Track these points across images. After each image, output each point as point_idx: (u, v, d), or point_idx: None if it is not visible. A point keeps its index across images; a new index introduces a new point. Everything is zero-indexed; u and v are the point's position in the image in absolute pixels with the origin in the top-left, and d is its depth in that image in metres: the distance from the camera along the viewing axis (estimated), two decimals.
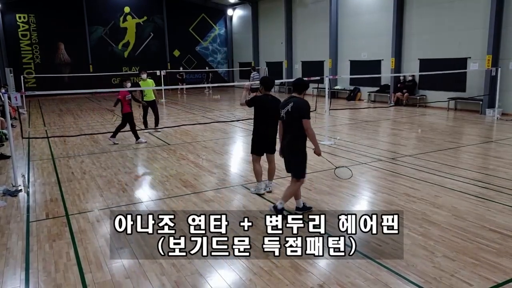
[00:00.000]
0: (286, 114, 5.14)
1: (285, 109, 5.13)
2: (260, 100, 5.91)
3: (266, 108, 5.87)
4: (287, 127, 5.18)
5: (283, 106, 5.20)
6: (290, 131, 5.16)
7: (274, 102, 5.84)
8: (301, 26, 23.76)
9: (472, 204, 5.69)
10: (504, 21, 13.83)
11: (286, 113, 5.14)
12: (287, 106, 5.11)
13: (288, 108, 5.08)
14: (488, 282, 3.71)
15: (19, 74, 21.97)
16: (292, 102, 5.08)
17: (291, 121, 5.10)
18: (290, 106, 5.06)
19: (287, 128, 5.20)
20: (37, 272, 4.08)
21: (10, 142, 7.06)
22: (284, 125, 5.23)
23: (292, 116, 5.06)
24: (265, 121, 5.92)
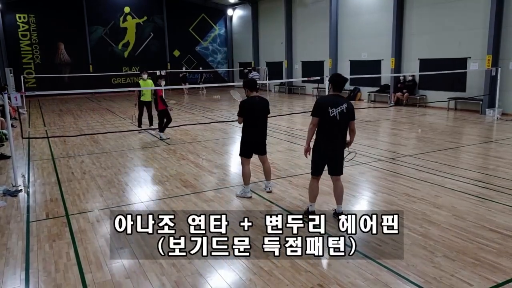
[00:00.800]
0: (340, 115, 4.89)
1: (339, 110, 4.88)
2: (249, 103, 5.92)
3: (255, 110, 5.93)
4: (339, 128, 4.96)
5: (333, 106, 4.88)
6: (340, 132, 4.99)
7: (262, 103, 5.99)
8: (301, 26, 23.76)
9: (472, 204, 5.68)
10: (504, 21, 13.84)
11: (340, 114, 4.89)
12: (340, 107, 4.89)
13: (343, 109, 4.88)
14: (488, 282, 3.71)
15: (19, 74, 21.97)
16: (345, 103, 4.93)
17: (345, 122, 4.96)
18: (344, 108, 4.89)
19: (337, 129, 4.96)
20: (37, 272, 4.08)
21: (10, 142, 7.05)
22: (333, 126, 4.93)
23: (346, 118, 4.94)
24: (255, 123, 5.98)
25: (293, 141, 10.36)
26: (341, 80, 5.02)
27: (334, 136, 4.98)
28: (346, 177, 7.03)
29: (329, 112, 4.86)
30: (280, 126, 12.59)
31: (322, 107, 4.93)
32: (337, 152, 5.08)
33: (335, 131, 4.95)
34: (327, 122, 4.92)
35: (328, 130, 4.96)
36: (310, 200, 5.28)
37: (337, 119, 4.87)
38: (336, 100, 4.93)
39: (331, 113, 4.86)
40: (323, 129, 4.99)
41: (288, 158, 8.67)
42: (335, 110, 4.86)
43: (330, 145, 5.01)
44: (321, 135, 5.03)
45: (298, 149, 9.49)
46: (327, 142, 5.01)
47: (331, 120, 4.88)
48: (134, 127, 12.19)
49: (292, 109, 17.45)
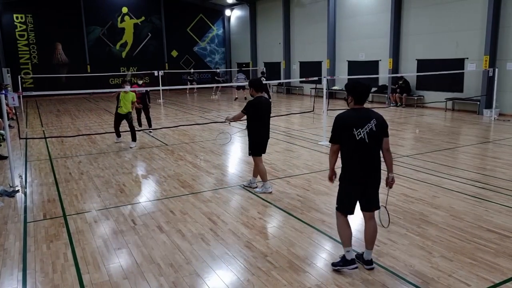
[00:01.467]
0: (369, 135, 3.70)
1: (367, 129, 3.70)
2: (258, 103, 5.98)
3: (263, 109, 6.05)
4: (370, 151, 3.76)
5: (358, 125, 3.71)
6: (374, 155, 3.80)
7: (267, 103, 6.19)
8: (299, 26, 23.78)
9: (470, 204, 5.70)
10: (501, 22, 13.89)
11: (369, 134, 3.70)
12: (367, 124, 3.72)
13: (372, 127, 3.71)
14: (485, 282, 3.72)
15: (17, 74, 21.92)
16: (374, 118, 3.77)
17: (377, 143, 3.79)
18: (373, 124, 3.73)
19: (369, 153, 3.75)
20: (35, 273, 4.07)
21: (8, 142, 7.03)
22: (365, 149, 3.73)
23: (378, 137, 3.77)
24: (264, 122, 6.11)
25: (291, 142, 10.36)
26: (364, 89, 3.82)
27: (367, 163, 3.78)
28: None
29: (355, 134, 3.70)
30: (278, 126, 12.59)
31: (345, 128, 3.73)
32: (372, 183, 3.86)
33: (367, 157, 3.77)
34: (354, 147, 3.74)
35: (358, 158, 3.77)
36: (346, 245, 3.93)
37: (367, 141, 3.71)
38: (361, 115, 3.78)
39: (357, 136, 3.70)
40: (350, 156, 3.81)
41: (286, 158, 8.67)
42: (361, 131, 3.70)
43: (362, 175, 3.81)
44: (349, 163, 3.83)
45: (296, 149, 9.50)
46: (359, 172, 3.81)
47: (360, 144, 3.71)
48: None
49: (290, 110, 17.46)
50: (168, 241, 4.68)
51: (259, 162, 6.22)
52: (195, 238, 4.77)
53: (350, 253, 3.89)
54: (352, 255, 3.89)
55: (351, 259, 3.87)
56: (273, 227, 5.08)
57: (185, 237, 4.80)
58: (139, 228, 5.10)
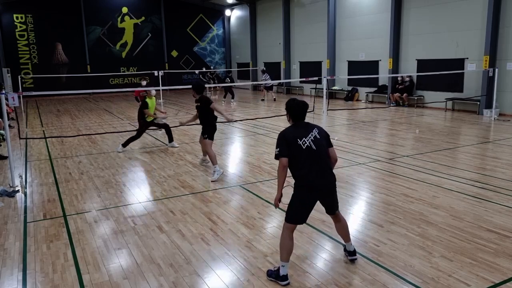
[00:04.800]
0: (314, 142, 3.79)
1: (311, 136, 3.80)
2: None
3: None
4: (319, 156, 3.80)
5: (302, 135, 3.79)
6: (324, 161, 3.85)
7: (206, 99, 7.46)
8: (299, 26, 23.78)
9: (470, 204, 5.70)
10: (501, 22, 13.88)
11: (314, 140, 3.79)
12: (311, 133, 3.82)
13: (315, 135, 3.82)
14: (485, 282, 3.72)
15: (17, 74, 21.92)
16: (315, 127, 3.90)
17: (323, 148, 3.85)
18: (316, 133, 3.84)
19: (318, 158, 3.79)
20: (35, 273, 4.07)
21: (8, 142, 7.03)
22: (314, 156, 3.77)
23: (324, 144, 3.89)
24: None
25: None
26: (298, 108, 3.87)
27: (318, 168, 3.79)
28: (344, 178, 7.05)
29: (301, 144, 3.74)
30: (278, 126, 12.58)
31: (289, 141, 3.76)
32: (328, 187, 3.90)
33: (318, 162, 3.78)
34: (303, 156, 3.74)
35: (309, 165, 3.76)
36: (284, 259, 3.78)
37: (314, 148, 3.77)
38: (302, 127, 3.87)
39: (303, 145, 3.74)
40: (302, 165, 3.77)
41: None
42: (306, 140, 3.77)
43: (317, 180, 3.79)
44: (302, 173, 3.78)
45: None
46: (314, 178, 3.78)
47: (308, 152, 3.75)
48: (132, 128, 12.14)
49: None
50: (168, 241, 4.68)
51: (211, 146, 7.46)
52: (195, 238, 4.77)
53: (284, 268, 3.75)
54: (285, 271, 3.75)
55: (283, 275, 3.73)
56: (273, 227, 5.08)
57: (185, 237, 4.80)
58: (139, 228, 5.10)
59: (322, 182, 3.81)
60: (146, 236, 4.86)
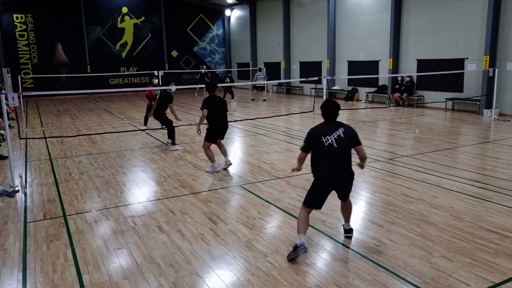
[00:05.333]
0: (337, 140, 4.19)
1: (334, 135, 4.20)
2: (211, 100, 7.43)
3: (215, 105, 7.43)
4: (339, 154, 4.21)
5: (327, 133, 4.21)
6: (343, 159, 4.27)
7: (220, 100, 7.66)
8: (299, 26, 23.78)
9: (470, 204, 5.70)
10: (501, 22, 13.88)
11: (337, 139, 4.19)
12: (336, 132, 4.21)
13: (340, 134, 4.21)
14: (485, 282, 3.72)
15: (17, 74, 21.91)
16: (342, 127, 4.26)
17: (345, 147, 4.23)
18: (341, 132, 4.21)
19: (338, 156, 4.22)
20: (35, 273, 4.07)
21: (8, 142, 7.03)
22: (334, 153, 4.20)
23: (347, 142, 4.25)
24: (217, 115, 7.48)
25: (291, 142, 10.36)
26: (330, 109, 4.33)
27: (336, 165, 4.24)
28: None
29: (324, 141, 4.17)
30: (278, 126, 12.59)
31: (315, 137, 4.25)
32: (343, 183, 4.39)
33: (337, 159, 4.22)
34: (324, 151, 4.19)
35: (329, 160, 4.21)
36: (301, 232, 4.22)
37: (335, 146, 4.16)
38: (330, 127, 4.28)
39: (326, 142, 4.17)
40: (321, 159, 4.25)
41: (286, 158, 8.67)
42: (330, 138, 4.17)
43: (333, 176, 4.27)
44: (321, 166, 4.27)
45: (296, 149, 9.48)
46: (329, 173, 4.26)
47: (329, 149, 4.17)
48: (132, 128, 12.16)
49: (290, 110, 17.46)
50: (168, 241, 4.68)
51: (206, 148, 7.65)
52: (195, 238, 4.77)
53: (301, 238, 4.15)
54: (301, 240, 4.13)
55: (300, 243, 4.12)
56: (273, 227, 5.08)
57: (185, 237, 4.80)
58: (139, 228, 5.10)
59: (335, 177, 4.28)
60: (146, 236, 4.86)
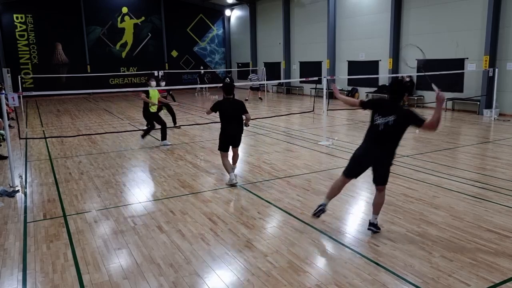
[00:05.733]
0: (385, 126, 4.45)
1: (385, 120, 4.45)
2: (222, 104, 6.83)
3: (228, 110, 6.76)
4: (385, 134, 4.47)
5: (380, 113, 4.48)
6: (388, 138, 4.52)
7: (234, 104, 6.84)
8: (299, 26, 23.78)
9: (470, 204, 5.70)
10: (501, 22, 13.88)
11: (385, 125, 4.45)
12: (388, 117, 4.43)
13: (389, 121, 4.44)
14: (485, 282, 3.72)
15: (17, 74, 21.91)
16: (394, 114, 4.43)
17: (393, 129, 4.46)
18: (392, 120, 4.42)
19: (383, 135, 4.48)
20: (35, 273, 4.07)
21: (8, 142, 7.03)
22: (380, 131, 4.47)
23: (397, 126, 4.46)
24: (227, 121, 6.80)
25: (291, 142, 10.35)
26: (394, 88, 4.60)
27: (379, 142, 4.51)
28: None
29: (376, 119, 4.49)
30: (278, 126, 12.59)
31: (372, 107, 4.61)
32: (381, 160, 4.58)
33: (381, 137, 4.49)
34: (372, 127, 4.55)
35: (374, 136, 4.54)
36: (329, 197, 4.83)
37: (381, 128, 4.44)
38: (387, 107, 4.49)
39: (376, 121, 4.49)
40: (368, 132, 4.62)
41: (286, 158, 8.67)
42: (380, 119, 4.45)
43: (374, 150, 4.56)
44: (366, 138, 4.64)
45: (296, 149, 9.50)
46: (371, 147, 4.58)
47: (376, 128, 4.49)
48: (132, 128, 12.16)
49: (290, 110, 17.46)
50: (168, 241, 4.68)
51: (222, 157, 6.89)
52: (195, 238, 4.77)
53: (323, 202, 4.83)
54: (323, 202, 4.82)
55: (322, 204, 4.81)
56: (273, 227, 5.08)
57: (185, 237, 4.80)
58: (139, 228, 5.10)
59: (375, 154, 4.55)
60: (146, 236, 4.86)
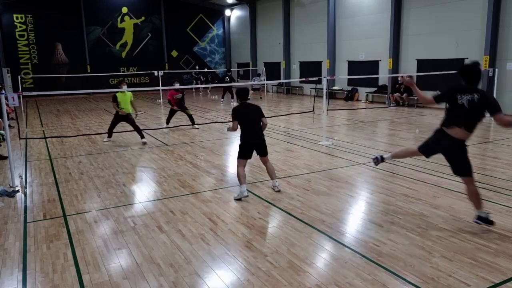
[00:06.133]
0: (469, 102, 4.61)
1: (468, 97, 4.62)
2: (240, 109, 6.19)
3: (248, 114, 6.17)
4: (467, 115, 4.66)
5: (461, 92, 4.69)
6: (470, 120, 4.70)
7: (251, 108, 6.24)
8: (299, 26, 23.79)
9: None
10: (501, 22, 13.89)
11: (470, 101, 4.61)
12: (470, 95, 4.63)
13: (473, 98, 4.60)
14: (485, 282, 3.72)
15: (17, 74, 21.91)
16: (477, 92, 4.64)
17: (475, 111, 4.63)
18: (475, 97, 4.60)
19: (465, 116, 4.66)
20: (35, 273, 4.07)
21: (8, 142, 7.03)
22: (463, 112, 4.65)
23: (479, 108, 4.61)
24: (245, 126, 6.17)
25: (291, 142, 10.36)
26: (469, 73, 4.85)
27: (462, 123, 4.64)
28: (344, 178, 7.06)
29: (457, 98, 4.61)
30: (278, 126, 12.59)
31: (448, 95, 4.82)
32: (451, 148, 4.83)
33: (463, 118, 4.61)
34: (456, 109, 4.65)
35: (455, 117, 4.69)
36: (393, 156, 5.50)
37: (466, 106, 4.55)
38: (467, 90, 4.66)
39: (458, 100, 4.60)
40: (450, 114, 4.80)
41: (286, 158, 8.67)
42: (463, 97, 4.59)
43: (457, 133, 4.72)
44: (448, 118, 4.80)
45: (296, 149, 9.50)
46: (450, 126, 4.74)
47: (460, 107, 4.59)
48: (132, 128, 12.11)
49: (290, 110, 17.46)
50: (168, 241, 4.68)
51: (238, 165, 6.17)
52: (195, 238, 4.77)
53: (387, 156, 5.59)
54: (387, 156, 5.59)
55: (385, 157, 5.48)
56: (273, 227, 5.08)
57: (185, 237, 4.80)
58: (139, 228, 5.10)
59: (456, 136, 4.73)
60: (146, 236, 4.86)
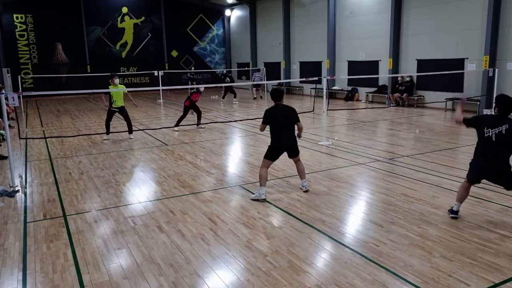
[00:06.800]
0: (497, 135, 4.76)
1: (496, 131, 4.76)
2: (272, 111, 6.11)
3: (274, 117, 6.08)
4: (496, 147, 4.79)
5: (489, 126, 4.81)
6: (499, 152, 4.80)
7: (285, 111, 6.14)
8: (299, 26, 23.79)
9: (470, 204, 5.69)
10: (501, 22, 13.89)
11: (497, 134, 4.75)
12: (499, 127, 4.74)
13: (502, 130, 4.72)
14: (485, 282, 3.72)
15: (17, 74, 21.91)
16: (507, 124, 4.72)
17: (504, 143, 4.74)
18: (504, 128, 4.71)
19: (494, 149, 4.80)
20: (35, 273, 4.07)
21: (8, 142, 7.03)
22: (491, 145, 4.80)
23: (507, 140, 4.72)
24: (275, 128, 6.12)
25: None
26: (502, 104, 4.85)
27: (492, 155, 4.81)
28: (344, 178, 7.06)
29: (485, 131, 4.77)
30: None
31: (478, 124, 4.94)
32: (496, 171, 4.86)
33: (492, 151, 4.78)
34: (482, 141, 4.86)
35: (483, 149, 4.88)
36: (457, 200, 5.18)
37: (493, 139, 4.73)
38: (495, 120, 4.79)
39: (485, 133, 4.76)
40: (479, 146, 4.99)
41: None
42: (491, 131, 4.75)
43: (487, 162, 4.88)
44: (477, 152, 5.01)
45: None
46: (484, 159, 4.91)
47: (487, 141, 4.76)
48: (133, 128, 12.12)
49: None
50: (168, 241, 4.69)
51: (263, 165, 6.18)
52: (195, 238, 4.77)
53: (456, 205, 5.17)
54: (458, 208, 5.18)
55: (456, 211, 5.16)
56: (273, 227, 5.08)
57: (185, 237, 4.80)
58: (139, 228, 5.10)
59: (488, 166, 4.85)
60: (146, 236, 4.86)
